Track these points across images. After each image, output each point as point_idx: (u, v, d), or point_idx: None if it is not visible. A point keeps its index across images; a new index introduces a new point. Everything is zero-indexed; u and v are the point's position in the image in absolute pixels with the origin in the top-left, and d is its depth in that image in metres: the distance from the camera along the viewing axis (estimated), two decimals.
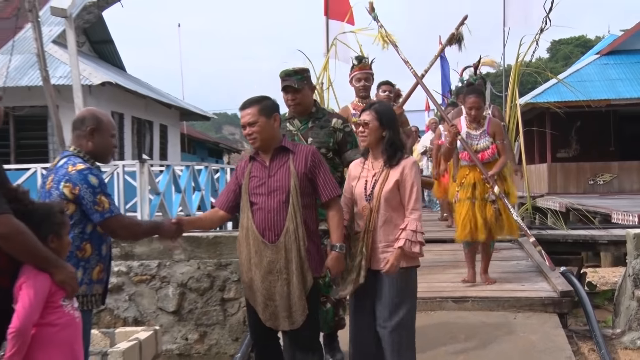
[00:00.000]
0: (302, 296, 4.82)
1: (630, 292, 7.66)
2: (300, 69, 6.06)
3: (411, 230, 5.05)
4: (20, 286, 3.89)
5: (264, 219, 4.88)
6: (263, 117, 4.89)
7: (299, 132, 5.96)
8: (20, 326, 3.74)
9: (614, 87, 24.34)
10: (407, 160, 5.25)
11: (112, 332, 7.60)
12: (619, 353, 7.32)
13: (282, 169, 4.94)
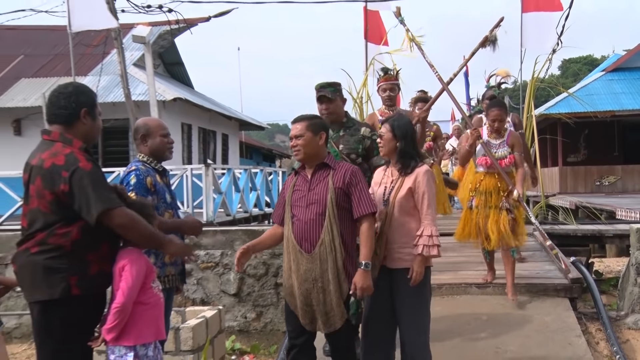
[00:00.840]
0: (340, 303, 4.60)
1: (633, 279, 7.67)
2: (333, 83, 5.94)
3: (427, 235, 4.86)
4: (123, 268, 4.00)
5: (301, 229, 4.65)
6: (310, 133, 4.70)
7: (331, 139, 5.58)
8: (124, 302, 3.88)
9: (618, 100, 24.17)
10: (420, 169, 5.03)
11: (183, 310, 7.68)
12: (623, 332, 7.29)
13: (322, 183, 4.70)
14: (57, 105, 4.12)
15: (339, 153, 5.64)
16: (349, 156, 5.64)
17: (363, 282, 4.53)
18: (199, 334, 6.83)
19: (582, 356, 6.09)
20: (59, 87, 4.20)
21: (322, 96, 5.72)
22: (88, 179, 3.89)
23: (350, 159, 5.61)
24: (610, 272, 10.41)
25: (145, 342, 4.15)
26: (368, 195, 4.70)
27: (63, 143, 4.04)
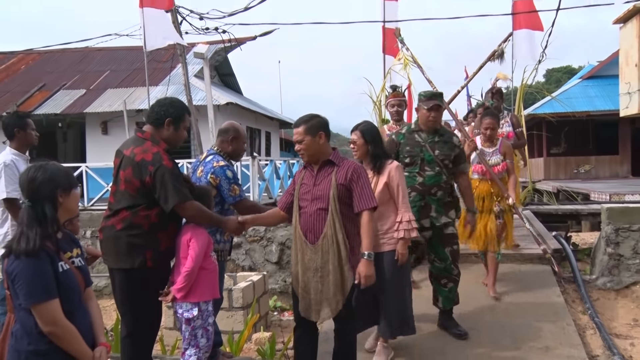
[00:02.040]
0: (337, 294, 4.15)
1: (603, 249, 7.63)
2: (439, 93, 5.54)
3: (406, 221, 4.79)
4: (190, 239, 4.13)
5: (306, 222, 4.25)
6: (309, 136, 4.25)
7: (426, 143, 5.28)
8: (193, 267, 4.04)
9: (592, 102, 24.24)
10: (391, 165, 4.94)
11: (234, 275, 7.71)
12: (594, 292, 7.32)
13: (326, 180, 4.26)
14: (152, 109, 4.33)
15: (434, 157, 5.26)
16: (443, 161, 5.25)
17: (367, 271, 4.17)
18: (247, 294, 6.86)
19: (560, 310, 6.13)
20: (161, 98, 4.48)
21: (436, 105, 5.22)
22: (168, 176, 4.02)
23: (444, 164, 5.26)
24: (585, 243, 10.34)
25: (206, 299, 4.25)
26: (369, 191, 4.28)
27: (152, 142, 4.18)
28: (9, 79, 21.62)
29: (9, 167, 5.19)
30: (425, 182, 5.26)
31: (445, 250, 5.24)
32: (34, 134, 5.49)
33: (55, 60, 21.91)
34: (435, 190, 5.26)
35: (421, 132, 5.31)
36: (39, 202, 2.89)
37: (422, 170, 5.26)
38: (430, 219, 5.26)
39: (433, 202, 5.27)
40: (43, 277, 2.76)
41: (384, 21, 12.45)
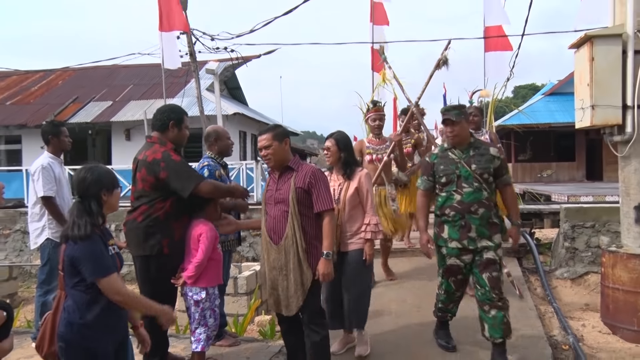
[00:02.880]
0: (298, 290, 3.94)
1: (561, 244, 7.75)
2: (458, 106, 4.82)
3: (373, 224, 4.63)
4: (200, 234, 4.17)
5: (271, 223, 4.03)
6: (276, 142, 4.00)
7: (461, 160, 4.53)
8: (203, 258, 4.10)
9: (553, 115, 24.47)
10: (362, 172, 4.76)
11: (240, 265, 7.76)
12: (553, 281, 7.37)
13: (286, 184, 4.02)
14: (156, 117, 4.38)
15: (471, 173, 4.48)
16: (482, 176, 4.47)
17: (324, 269, 3.96)
18: (250, 282, 6.89)
19: (525, 297, 6.13)
20: (161, 106, 4.54)
21: (447, 119, 4.55)
22: (179, 167, 4.14)
23: (483, 178, 4.48)
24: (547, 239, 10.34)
25: (213, 285, 4.30)
26: (327, 193, 4.04)
27: (160, 144, 4.25)
28: (48, 92, 21.75)
29: (45, 169, 5.21)
30: (464, 200, 4.48)
31: (483, 276, 4.42)
32: (67, 140, 5.51)
33: (87, 76, 21.93)
34: (475, 208, 4.44)
35: (454, 149, 4.61)
36: (87, 198, 3.03)
37: (459, 188, 4.50)
38: (469, 240, 4.46)
39: (474, 221, 4.44)
40: (102, 255, 2.95)
41: (372, 42, 12.51)
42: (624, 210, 5.69)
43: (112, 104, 19.90)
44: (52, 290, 5.26)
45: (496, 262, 4.45)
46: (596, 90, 5.40)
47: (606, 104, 5.40)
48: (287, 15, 10.68)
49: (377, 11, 12.75)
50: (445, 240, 4.52)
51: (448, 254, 4.53)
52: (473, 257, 4.50)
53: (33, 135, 17.60)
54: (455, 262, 4.52)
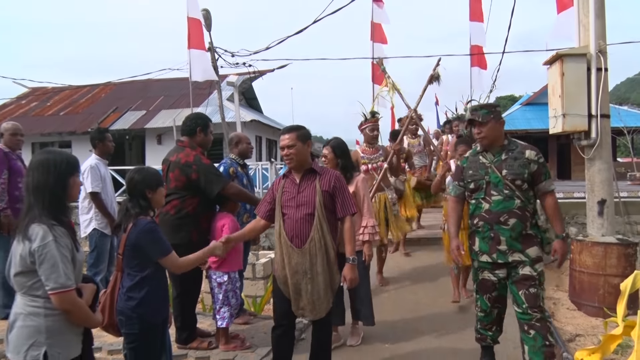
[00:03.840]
0: (328, 292, 3.52)
1: None
2: (487, 105, 3.97)
3: (370, 226, 4.36)
4: (224, 225, 4.25)
5: (292, 227, 3.52)
6: (300, 142, 3.56)
7: (492, 164, 3.68)
8: None
9: (529, 123, 24.34)
10: (358, 177, 4.46)
11: (257, 253, 7.77)
12: None
13: (310, 187, 3.56)
14: (185, 123, 4.45)
15: (501, 179, 3.61)
16: (513, 182, 3.57)
17: (352, 275, 3.61)
18: (267, 267, 6.91)
19: None
20: (189, 114, 4.62)
21: (472, 120, 3.78)
22: (209, 170, 4.21)
23: (515, 185, 3.58)
24: None
25: (234, 270, 4.36)
26: (351, 198, 3.64)
27: (190, 148, 4.32)
28: (93, 104, 21.90)
29: (93, 169, 5.30)
30: (492, 209, 3.63)
31: (520, 293, 3.57)
32: (110, 145, 5.59)
33: (125, 89, 22.02)
34: (505, 218, 3.58)
35: (486, 153, 3.76)
36: (134, 196, 3.12)
37: (487, 195, 3.65)
38: (498, 253, 3.63)
39: (504, 232, 3.59)
40: (163, 239, 3.06)
41: (373, 58, 12.56)
42: (589, 205, 5.73)
43: (145, 113, 19.99)
44: (100, 272, 5.35)
45: (534, 278, 3.56)
46: (566, 101, 5.44)
47: (575, 112, 5.44)
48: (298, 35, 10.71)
49: (377, 31, 12.81)
50: (477, 253, 3.76)
51: (480, 268, 3.79)
52: (508, 271, 3.67)
53: (81, 141, 17.73)
54: (487, 276, 3.75)
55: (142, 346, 3.05)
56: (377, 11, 12.71)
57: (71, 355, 2.45)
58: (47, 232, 2.33)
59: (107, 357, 4.43)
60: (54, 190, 2.42)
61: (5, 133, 5.29)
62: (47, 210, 2.38)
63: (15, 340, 2.40)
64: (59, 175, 2.45)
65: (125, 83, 20.72)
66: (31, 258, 2.32)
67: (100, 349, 4.50)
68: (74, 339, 2.47)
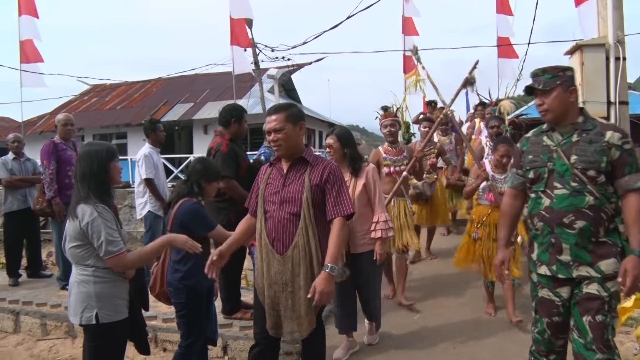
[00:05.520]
0: (310, 311, 2.74)
1: None
2: (552, 67, 2.66)
3: (382, 221, 3.74)
4: None
5: (274, 228, 2.78)
6: (290, 124, 2.81)
7: (559, 147, 2.60)
8: None
9: None
10: (368, 168, 3.85)
11: None
12: None
13: (298, 180, 2.80)
14: (221, 114, 4.50)
15: (569, 167, 2.54)
16: (585, 173, 2.50)
17: (325, 286, 2.64)
18: None
19: None
20: (225, 106, 4.63)
21: (531, 88, 2.69)
22: (220, 156, 4.23)
23: (588, 176, 2.51)
24: None
25: None
26: (346, 196, 2.82)
27: (221, 137, 4.39)
28: (146, 97, 22.59)
29: (147, 157, 5.53)
30: (554, 206, 2.59)
31: (583, 320, 2.53)
32: (161, 134, 5.82)
33: (174, 83, 22.53)
34: (570, 219, 2.53)
35: (553, 132, 2.68)
36: (189, 181, 3.38)
37: (549, 188, 2.62)
38: (558, 265, 2.60)
39: (568, 238, 2.55)
40: (207, 216, 3.32)
41: (404, 50, 12.54)
42: None
43: (193, 105, 20.46)
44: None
45: (602, 301, 2.51)
46: (586, 89, 5.40)
47: (594, 100, 5.39)
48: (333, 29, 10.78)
49: (408, 25, 12.73)
50: (535, 263, 2.76)
51: (539, 283, 2.74)
52: (572, 290, 2.63)
53: (135, 131, 18.34)
54: (547, 295, 2.70)
55: (189, 314, 3.27)
56: (407, 6, 12.68)
57: (119, 317, 2.70)
58: (93, 209, 2.61)
59: (161, 325, 4.70)
60: (97, 175, 2.69)
61: (58, 124, 5.71)
62: (93, 193, 2.65)
63: (73, 304, 2.70)
64: (101, 162, 2.72)
65: (174, 78, 21.21)
66: (81, 233, 2.61)
67: (155, 317, 4.78)
68: (121, 303, 2.72)
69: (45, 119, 21.59)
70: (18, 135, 6.54)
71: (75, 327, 5.08)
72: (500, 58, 11.58)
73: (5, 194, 6.21)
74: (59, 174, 5.54)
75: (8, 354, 4.83)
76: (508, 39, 11.30)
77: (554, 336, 2.73)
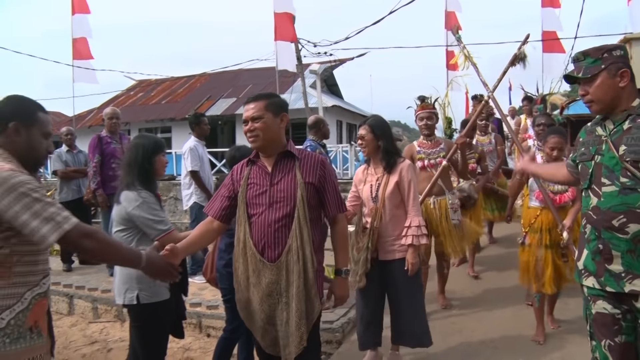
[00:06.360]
0: (301, 325, 2.37)
1: None
2: (595, 49, 2.23)
3: (415, 226, 3.31)
4: None
5: (263, 233, 2.43)
6: (270, 114, 2.47)
7: (609, 137, 2.19)
8: None
9: None
10: (403, 164, 3.40)
11: None
12: None
13: (287, 177, 2.47)
14: None
15: (618, 159, 2.13)
16: (637, 165, 2.07)
17: (343, 291, 2.57)
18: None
19: None
20: None
21: (570, 77, 2.30)
22: None
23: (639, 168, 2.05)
24: None
25: None
26: (339, 192, 2.59)
27: None
28: (190, 92, 23.08)
29: (192, 150, 5.70)
30: (601, 206, 2.18)
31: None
32: (206, 127, 5.99)
33: (218, 78, 22.93)
34: (621, 222, 2.10)
35: (606, 121, 2.26)
36: None
37: (596, 184, 2.22)
38: (607, 276, 2.16)
39: (618, 244, 2.12)
40: None
41: (447, 45, 12.43)
42: None
43: (236, 100, 20.77)
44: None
45: None
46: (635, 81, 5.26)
47: None
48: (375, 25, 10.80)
49: (450, 19, 12.62)
50: (581, 274, 2.31)
51: (590, 296, 2.27)
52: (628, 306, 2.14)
53: (180, 126, 18.82)
54: (604, 308, 2.20)
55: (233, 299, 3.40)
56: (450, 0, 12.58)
57: (159, 299, 2.86)
58: (137, 195, 2.81)
59: (205, 311, 4.88)
60: (142, 165, 2.89)
61: (105, 118, 6.07)
62: (138, 181, 2.86)
63: (117, 286, 2.92)
64: (146, 153, 2.91)
65: (217, 73, 21.58)
66: (126, 218, 2.81)
67: (200, 304, 4.97)
68: (160, 285, 2.84)
69: (93, 113, 22.36)
70: (70, 128, 6.89)
71: (124, 312, 5.32)
72: (545, 53, 11.29)
73: (61, 185, 6.55)
74: (103, 166, 5.89)
75: (63, 333, 5.12)
76: (554, 32, 11.00)
77: None
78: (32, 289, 1.91)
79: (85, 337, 5.04)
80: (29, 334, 1.87)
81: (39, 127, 1.99)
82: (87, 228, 1.93)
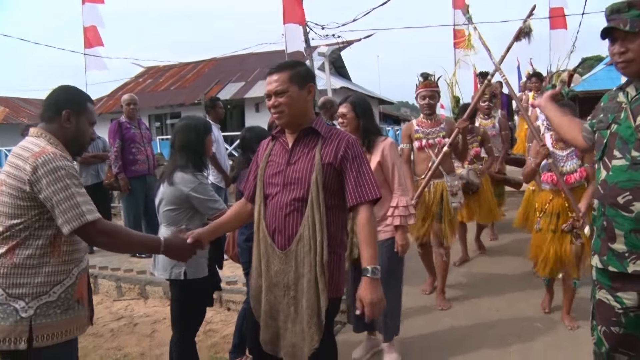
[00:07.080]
0: (313, 324, 2.10)
1: None
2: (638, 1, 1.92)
3: (402, 206, 3.13)
4: None
5: (275, 217, 2.20)
6: (295, 87, 2.20)
7: (629, 105, 1.99)
8: None
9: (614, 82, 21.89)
10: (385, 142, 3.22)
11: None
12: None
13: (306, 157, 2.19)
14: None
15: (634, 130, 1.95)
16: None
17: (373, 296, 2.05)
18: None
19: None
20: None
21: (611, 29, 2.01)
22: None
23: None
24: None
25: None
26: (370, 176, 2.17)
27: None
28: (199, 77, 23.13)
29: None
30: (609, 180, 2.04)
31: None
32: (220, 110, 6.17)
33: (226, 63, 22.98)
34: (626, 200, 1.96)
35: (631, 86, 2.08)
36: (246, 150, 3.60)
37: (607, 157, 2.07)
38: (610, 255, 2.05)
39: (622, 223, 1.99)
40: None
41: (454, 25, 12.40)
42: None
43: (244, 84, 20.89)
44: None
45: None
46: None
47: None
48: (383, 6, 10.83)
49: None
50: (591, 252, 2.22)
51: (597, 282, 2.18)
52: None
53: (189, 111, 18.92)
54: (606, 298, 2.12)
55: None
56: None
57: (201, 275, 3.03)
58: (194, 177, 2.95)
59: (225, 287, 5.07)
60: (195, 147, 3.03)
61: (123, 104, 6.27)
62: (191, 163, 3.00)
63: (162, 261, 3.02)
64: (199, 135, 3.05)
65: (226, 58, 21.66)
66: (182, 198, 2.92)
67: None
68: (203, 262, 3.03)
69: (103, 101, 22.57)
70: None
71: (146, 290, 5.55)
72: (552, 29, 11.28)
73: (80, 170, 6.75)
74: (124, 151, 6.06)
75: None
76: (562, 9, 10.97)
77: (613, 349, 2.10)
78: (78, 265, 2.10)
79: (112, 314, 5.27)
80: (76, 305, 2.09)
81: (87, 116, 2.19)
82: (108, 226, 2.05)
